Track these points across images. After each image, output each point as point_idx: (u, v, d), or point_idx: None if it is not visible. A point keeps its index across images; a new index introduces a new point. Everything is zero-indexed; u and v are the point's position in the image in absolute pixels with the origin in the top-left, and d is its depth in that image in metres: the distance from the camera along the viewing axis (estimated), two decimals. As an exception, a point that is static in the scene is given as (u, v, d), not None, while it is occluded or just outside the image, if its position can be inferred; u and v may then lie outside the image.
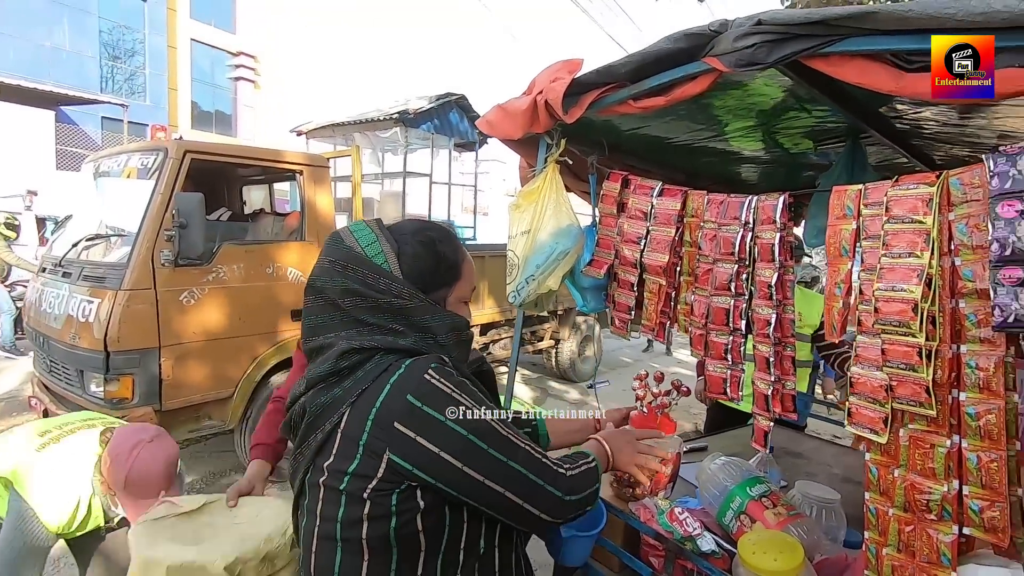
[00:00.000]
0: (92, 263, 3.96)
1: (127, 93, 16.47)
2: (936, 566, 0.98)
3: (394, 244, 0.95)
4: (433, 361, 0.90)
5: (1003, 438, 0.93)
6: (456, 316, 0.98)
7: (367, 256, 0.93)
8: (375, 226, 0.98)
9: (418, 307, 0.93)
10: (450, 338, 0.96)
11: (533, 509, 0.89)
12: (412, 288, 0.93)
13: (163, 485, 1.59)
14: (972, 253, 0.95)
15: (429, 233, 0.99)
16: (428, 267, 0.96)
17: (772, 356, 1.26)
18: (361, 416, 0.86)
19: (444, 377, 0.88)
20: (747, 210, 1.31)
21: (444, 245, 0.99)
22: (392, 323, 0.93)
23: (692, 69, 1.30)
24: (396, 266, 0.94)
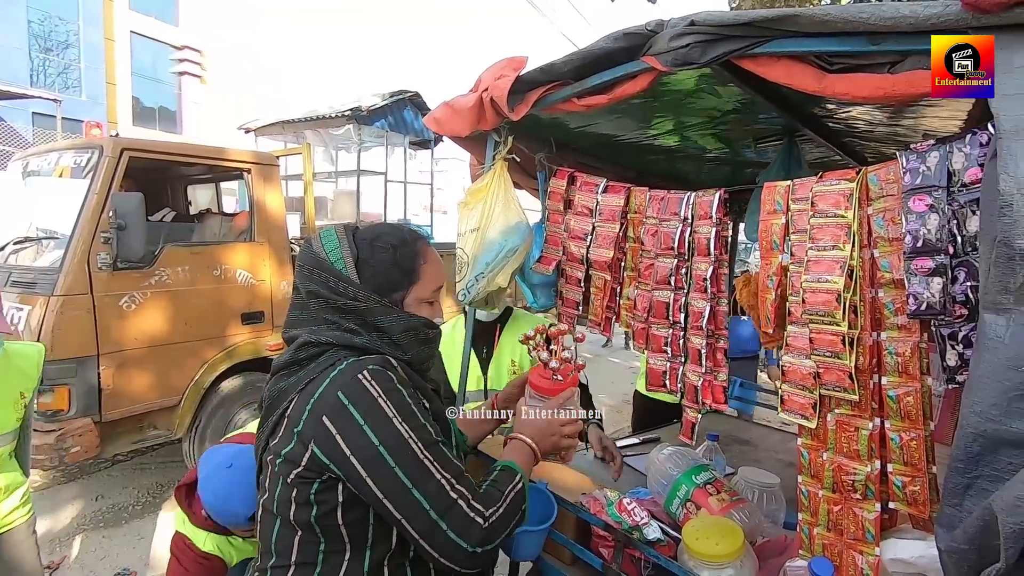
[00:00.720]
0: (21, 268, 3.73)
1: (61, 87, 15.55)
2: (862, 542, 1.04)
3: (354, 250, 1.01)
4: (374, 363, 0.92)
5: (921, 418, 0.99)
6: (412, 317, 1.02)
7: (330, 262, 1.00)
8: (341, 232, 1.03)
9: (373, 309, 0.99)
10: (406, 337, 1.00)
11: (431, 550, 0.86)
12: (368, 292, 0.99)
13: None
14: (889, 245, 1.01)
15: (387, 239, 1.03)
16: (383, 271, 1.01)
17: (704, 348, 1.30)
18: (302, 405, 0.91)
19: (377, 381, 0.90)
20: (686, 206, 1.35)
21: (401, 250, 1.03)
22: (349, 322, 0.98)
23: (631, 68, 1.32)
24: (354, 271, 1.00)
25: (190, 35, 18.20)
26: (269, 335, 4.44)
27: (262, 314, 4.40)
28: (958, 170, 0.90)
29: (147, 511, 3.85)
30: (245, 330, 4.29)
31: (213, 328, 4.11)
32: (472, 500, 0.90)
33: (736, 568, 1.21)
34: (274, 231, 4.52)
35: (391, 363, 0.96)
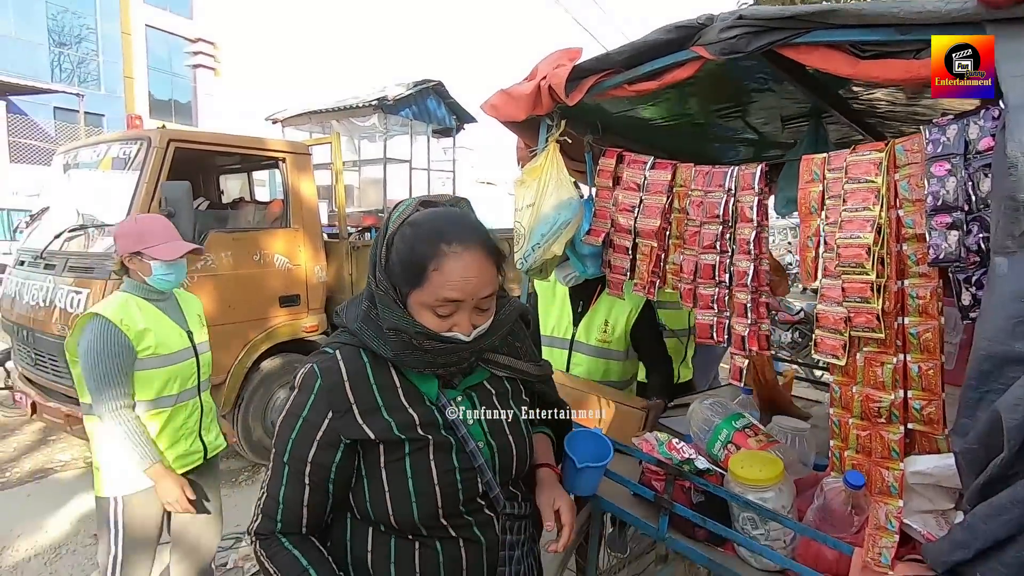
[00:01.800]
0: (77, 254, 3.95)
1: (79, 81, 15.80)
2: (888, 460, 1.22)
3: (395, 227, 0.96)
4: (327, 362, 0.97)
5: (937, 350, 1.18)
6: (406, 319, 0.94)
7: (384, 232, 0.98)
8: (407, 208, 0.99)
9: (380, 295, 0.96)
10: (392, 335, 0.95)
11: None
12: (383, 275, 0.96)
13: (171, 232, 2.00)
14: (912, 205, 1.19)
15: (413, 229, 0.95)
16: (396, 262, 0.94)
17: (749, 303, 1.49)
18: None
19: (305, 379, 0.97)
20: (730, 178, 1.53)
21: (417, 247, 0.93)
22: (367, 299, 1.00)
23: (681, 56, 1.49)
24: (384, 251, 0.96)
25: (204, 28, 18.40)
26: (305, 317, 4.66)
27: (298, 297, 4.61)
28: (973, 140, 1.07)
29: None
30: (283, 313, 4.51)
31: (254, 311, 4.33)
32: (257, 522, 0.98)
33: (776, 492, 1.40)
34: (308, 218, 4.73)
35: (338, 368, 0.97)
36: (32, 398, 3.88)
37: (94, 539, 3.25)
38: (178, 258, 1.96)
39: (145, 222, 2.00)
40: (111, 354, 1.86)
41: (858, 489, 1.18)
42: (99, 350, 1.84)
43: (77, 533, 3.35)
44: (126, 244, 1.92)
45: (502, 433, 1.06)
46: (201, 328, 2.19)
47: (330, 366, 0.97)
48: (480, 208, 1.10)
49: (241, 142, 4.54)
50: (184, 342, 2.06)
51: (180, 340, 2.05)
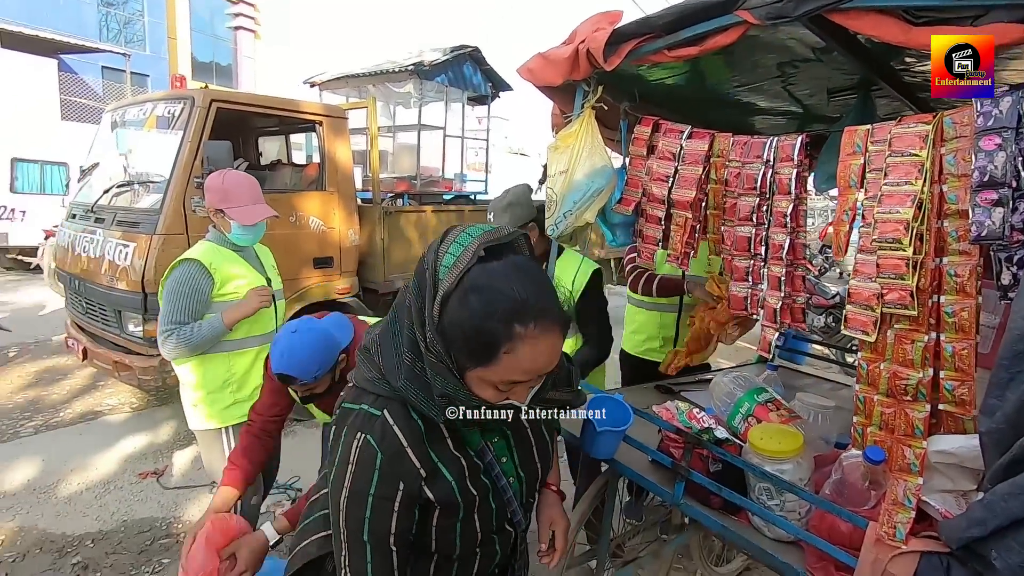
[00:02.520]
0: (125, 209, 4.11)
1: (125, 42, 16.14)
2: (911, 437, 1.22)
3: (453, 284, 0.81)
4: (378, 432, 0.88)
5: (972, 330, 1.15)
6: (459, 390, 0.84)
7: (436, 279, 0.83)
8: (469, 251, 0.83)
9: (430, 361, 0.82)
10: (442, 402, 0.85)
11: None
12: (437, 339, 0.82)
13: (255, 193, 2.12)
14: (957, 181, 1.15)
15: (482, 298, 0.80)
16: (457, 333, 0.81)
17: (783, 276, 1.47)
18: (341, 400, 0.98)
19: (361, 453, 0.88)
20: (768, 149, 1.50)
21: (486, 323, 0.79)
22: (408, 356, 0.86)
23: (724, 21, 1.45)
24: (437, 308, 0.82)
25: (245, -11, 18.44)
26: (338, 279, 4.78)
27: (331, 259, 4.72)
28: (1028, 113, 1.03)
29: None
30: (316, 274, 4.63)
31: (289, 270, 4.43)
32: None
33: (795, 464, 1.41)
34: (343, 182, 4.80)
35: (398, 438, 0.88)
36: (83, 344, 4.11)
37: (139, 478, 3.48)
38: (253, 224, 2.10)
39: (231, 182, 2.10)
40: (190, 290, 2.06)
41: (877, 464, 1.18)
42: (181, 287, 2.05)
43: (124, 472, 3.57)
44: (212, 199, 2.08)
45: (531, 462, 1.05)
46: (277, 277, 2.36)
47: (384, 433, 0.88)
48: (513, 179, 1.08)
49: (279, 104, 4.62)
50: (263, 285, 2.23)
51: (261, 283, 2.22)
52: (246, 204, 2.09)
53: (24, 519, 3.00)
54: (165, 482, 3.46)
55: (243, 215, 2.07)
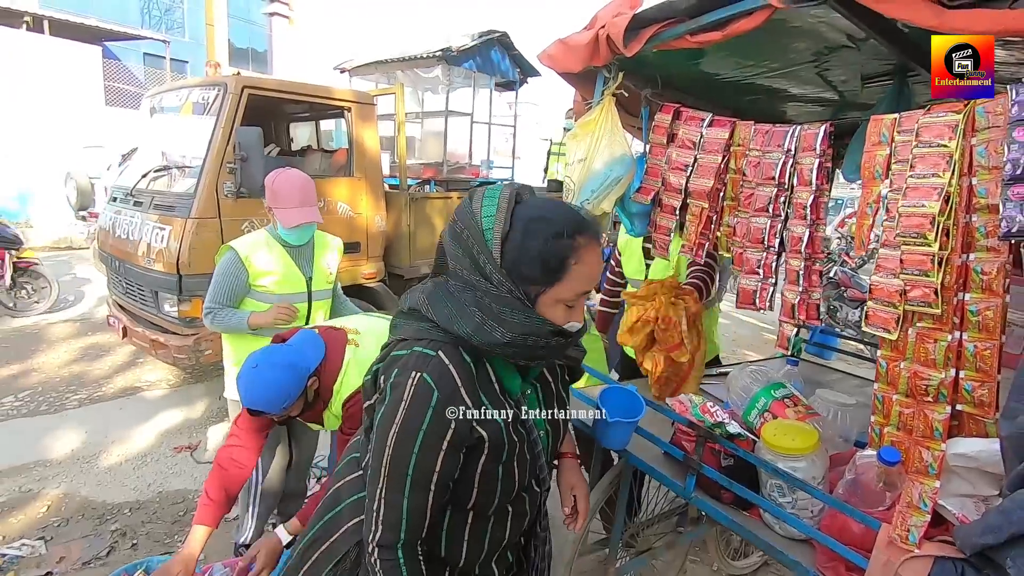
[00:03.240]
0: (161, 193, 4.25)
1: (165, 28, 16.55)
2: (929, 439, 1.18)
3: (506, 224, 0.91)
4: (434, 371, 0.92)
5: (998, 331, 1.10)
6: (535, 319, 0.91)
7: (481, 227, 0.92)
8: (504, 198, 0.93)
9: (500, 296, 0.90)
10: (517, 339, 0.90)
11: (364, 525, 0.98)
12: (503, 275, 0.90)
13: (304, 195, 2.20)
14: (988, 173, 1.09)
15: (546, 224, 0.91)
16: (527, 260, 0.90)
17: (802, 270, 1.43)
18: (386, 353, 1.02)
19: (416, 390, 0.91)
20: (790, 138, 1.45)
21: (555, 242, 0.90)
22: (469, 302, 0.92)
23: (749, 5, 1.41)
24: (499, 247, 0.90)
25: (280, -25, 18.65)
26: (364, 264, 4.85)
27: (359, 244, 4.79)
28: (1066, 102, 0.97)
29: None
30: (344, 259, 4.66)
31: (317, 255, 4.55)
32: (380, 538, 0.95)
33: (809, 462, 1.38)
34: (370, 168, 4.85)
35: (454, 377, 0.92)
36: (124, 323, 4.28)
37: (174, 452, 3.64)
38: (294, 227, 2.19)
39: (280, 183, 2.19)
40: (229, 276, 2.20)
41: (892, 465, 1.15)
42: (222, 273, 2.20)
43: (160, 445, 3.74)
44: (267, 196, 2.22)
45: (556, 418, 1.12)
46: (326, 275, 2.43)
47: (441, 372, 0.92)
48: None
49: (309, 90, 4.67)
50: (300, 287, 2.33)
51: (297, 284, 2.32)
52: (292, 207, 2.17)
53: (68, 487, 3.18)
54: (198, 456, 3.60)
55: (285, 217, 2.18)
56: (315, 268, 2.38)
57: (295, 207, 2.19)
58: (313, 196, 2.26)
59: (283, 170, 2.26)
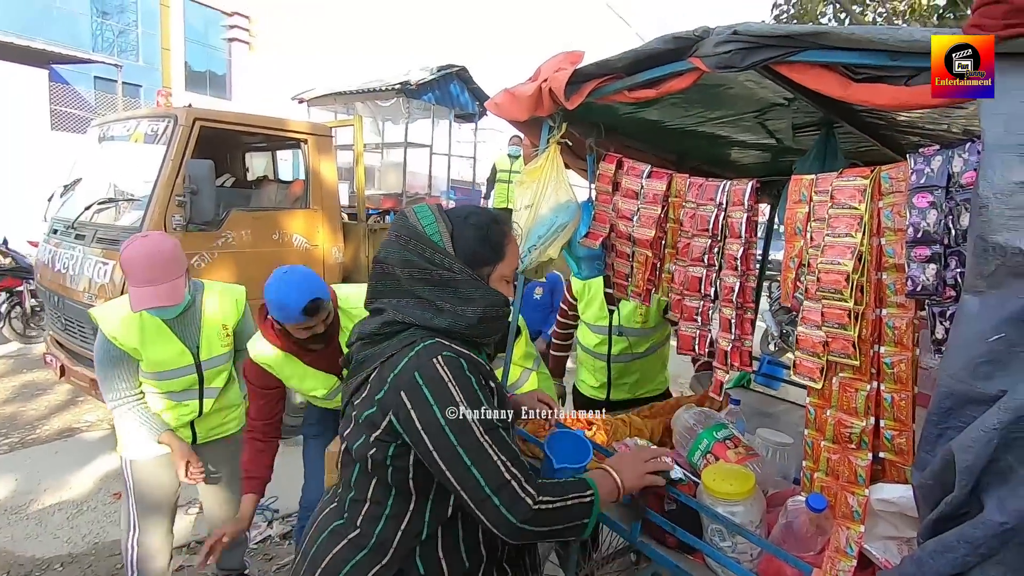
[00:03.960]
0: (105, 226, 4.11)
1: (118, 52, 16.15)
2: (854, 485, 1.23)
3: (449, 225, 1.11)
4: (448, 349, 1.04)
5: (910, 382, 1.17)
6: (495, 292, 1.12)
7: (427, 234, 1.09)
8: (435, 209, 1.15)
9: (464, 280, 1.07)
10: (486, 312, 1.08)
11: (482, 516, 1.00)
12: (461, 263, 1.08)
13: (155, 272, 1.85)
14: (894, 235, 1.17)
15: (478, 217, 1.15)
16: (476, 246, 1.11)
17: (733, 318, 1.49)
18: (383, 376, 1.05)
19: (450, 367, 1.01)
20: (721, 192, 1.52)
21: (491, 228, 1.14)
22: (438, 298, 1.06)
23: (679, 67, 1.48)
24: (449, 243, 1.09)
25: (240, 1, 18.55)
26: (321, 297, 4.77)
27: (315, 277, 4.72)
28: (957, 172, 1.05)
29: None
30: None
31: (271, 288, 4.45)
32: (525, 483, 1.00)
33: (746, 506, 1.41)
34: (327, 199, 4.82)
35: (463, 353, 1.05)
36: (62, 361, 4.08)
37: (114, 498, 3.44)
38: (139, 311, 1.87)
39: (128, 256, 1.86)
40: (111, 361, 1.98)
41: (819, 512, 1.20)
42: (101, 357, 1.99)
43: (98, 491, 3.54)
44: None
45: None
46: (220, 338, 2.14)
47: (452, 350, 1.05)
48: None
49: (264, 122, 4.64)
50: (185, 360, 2.06)
51: (180, 358, 2.05)
52: (139, 285, 1.83)
53: (-8, 542, 2.97)
54: (137, 505, 3.42)
55: (132, 298, 1.84)
56: (203, 335, 2.10)
57: (142, 286, 1.83)
58: (171, 270, 1.89)
59: (137, 238, 1.92)
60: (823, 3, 6.97)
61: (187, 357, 2.08)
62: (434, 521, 1.09)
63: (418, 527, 1.08)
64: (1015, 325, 0.90)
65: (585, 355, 2.75)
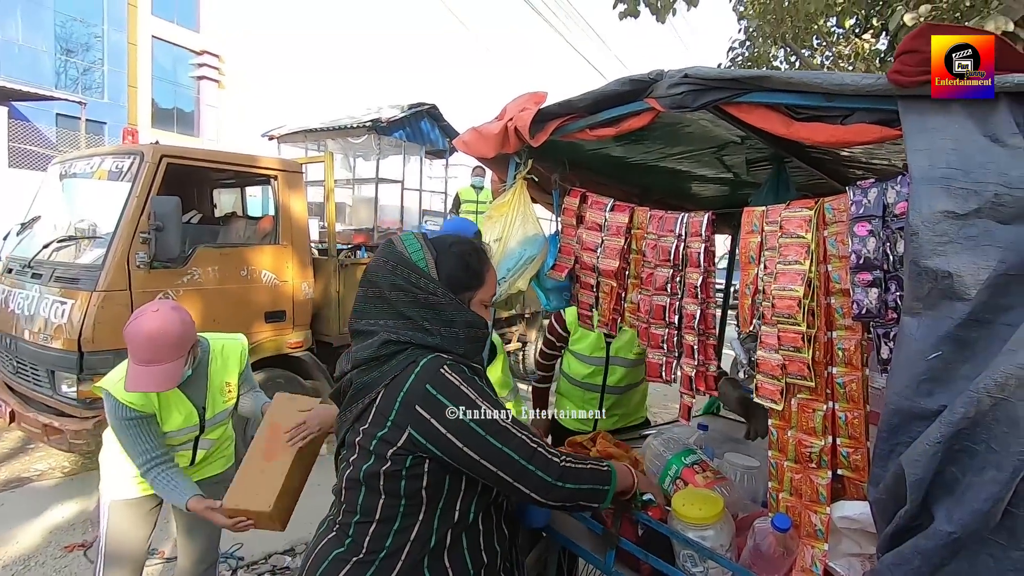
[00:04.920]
0: (64, 264, 4.00)
1: (83, 89, 15.99)
2: (816, 503, 1.27)
3: (433, 252, 1.19)
4: (449, 359, 1.13)
5: (861, 400, 1.23)
6: (475, 315, 1.20)
7: (413, 260, 1.16)
8: (420, 237, 1.23)
9: (447, 304, 1.15)
10: (467, 333, 1.17)
11: (523, 487, 1.11)
12: (444, 288, 1.16)
13: (151, 353, 1.74)
14: (839, 262, 1.25)
15: (461, 245, 1.23)
16: (458, 272, 1.18)
17: (696, 344, 1.55)
18: (391, 397, 1.10)
19: (456, 373, 1.11)
20: (680, 224, 1.59)
21: (472, 256, 1.22)
22: (424, 319, 1.14)
23: (636, 107, 1.57)
24: (434, 269, 1.17)
25: (210, 40, 18.69)
26: (290, 333, 4.70)
27: (284, 313, 4.66)
28: (891, 203, 1.14)
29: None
30: (268, 328, 4.55)
31: (239, 326, 4.33)
32: (548, 448, 1.14)
33: (716, 530, 1.43)
34: (297, 235, 4.79)
35: (461, 360, 1.15)
36: (11, 406, 3.89)
37: (64, 552, 3.25)
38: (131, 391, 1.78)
39: (130, 334, 1.78)
40: (132, 423, 1.86)
41: (783, 532, 1.23)
42: (119, 423, 1.87)
43: (48, 545, 3.34)
44: None
45: None
46: (223, 395, 2.09)
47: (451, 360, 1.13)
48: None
49: (233, 159, 4.63)
50: (190, 420, 1.99)
51: (187, 418, 1.99)
52: (138, 363, 1.76)
53: (-72, 605, 2.76)
54: (93, 556, 3.23)
55: (128, 377, 1.77)
56: (210, 393, 2.03)
57: (141, 365, 1.75)
58: (173, 352, 1.79)
59: (148, 310, 1.80)
60: (775, 46, 7.42)
61: (194, 417, 2.01)
62: (442, 528, 1.14)
63: (427, 535, 1.13)
64: (950, 343, 0.97)
65: (572, 387, 2.70)
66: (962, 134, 0.97)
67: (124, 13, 16.84)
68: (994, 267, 0.92)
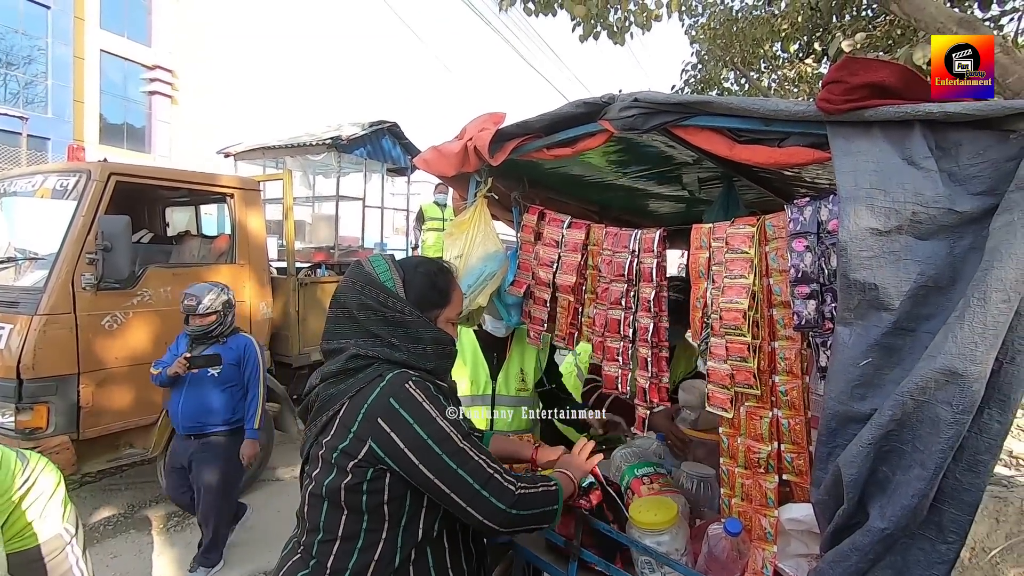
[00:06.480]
0: (3, 288, 3.80)
1: (24, 103, 15.29)
2: (765, 507, 1.32)
3: (401, 272, 1.24)
4: (415, 375, 1.15)
5: (802, 407, 1.30)
6: (442, 332, 1.25)
7: (381, 280, 1.21)
8: (388, 259, 1.27)
9: (414, 321, 1.20)
10: (435, 349, 1.22)
11: (475, 512, 1.11)
12: (412, 307, 1.21)
13: None
14: (780, 275, 1.33)
15: (427, 266, 1.29)
16: (425, 291, 1.24)
17: (650, 357, 1.60)
18: (355, 409, 1.12)
19: (420, 389, 1.13)
20: (634, 241, 1.65)
21: (438, 276, 1.28)
22: (392, 336, 1.18)
23: (591, 128, 1.63)
24: (401, 289, 1.22)
25: (161, 55, 18.19)
26: (248, 354, 4.56)
27: (241, 333, 4.52)
28: (825, 220, 1.22)
29: (119, 531, 3.87)
30: (226, 349, 4.41)
31: (194, 347, 4.21)
32: (505, 475, 1.15)
33: (671, 534, 1.47)
34: (255, 253, 4.69)
35: (427, 377, 1.18)
36: (-59, 439, 3.63)
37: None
38: None
39: None
40: None
41: (735, 536, 1.27)
42: None
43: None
44: None
45: None
46: None
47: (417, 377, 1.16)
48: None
49: (187, 177, 4.52)
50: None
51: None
52: None
53: None
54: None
55: None
56: None
57: None
58: None
59: None
60: (725, 69, 7.78)
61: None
62: (406, 546, 1.14)
63: (390, 555, 1.12)
64: (879, 351, 1.04)
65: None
66: (882, 157, 1.05)
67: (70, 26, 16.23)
68: (914, 279, 1.00)
